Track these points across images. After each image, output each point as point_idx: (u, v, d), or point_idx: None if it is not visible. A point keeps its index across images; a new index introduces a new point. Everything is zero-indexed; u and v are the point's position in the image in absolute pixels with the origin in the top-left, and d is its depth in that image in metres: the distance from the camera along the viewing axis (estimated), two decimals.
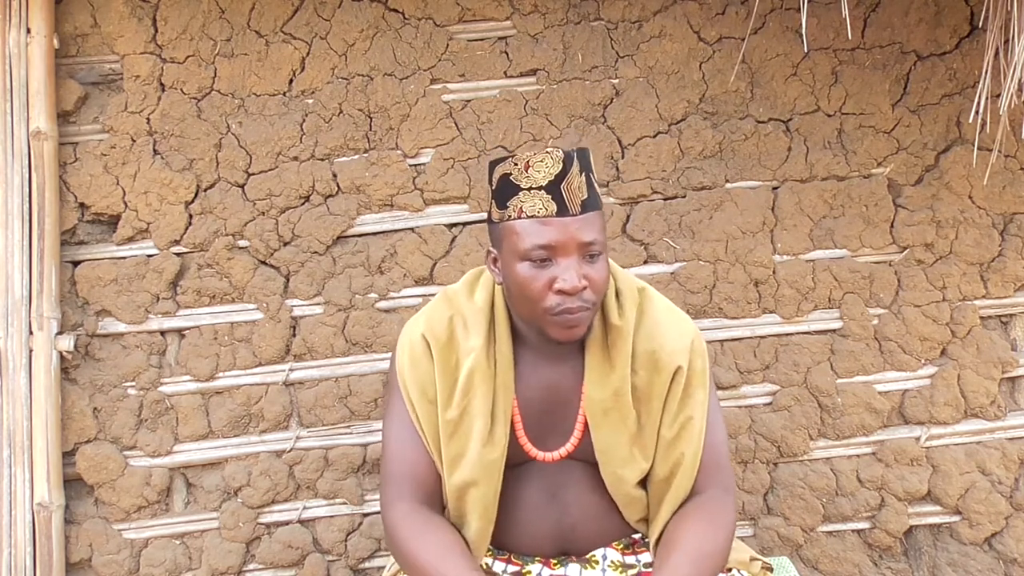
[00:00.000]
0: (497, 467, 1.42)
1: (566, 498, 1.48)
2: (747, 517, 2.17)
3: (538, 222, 1.33)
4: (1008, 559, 2.16)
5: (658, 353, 1.44)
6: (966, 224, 2.18)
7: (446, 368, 1.44)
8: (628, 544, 1.52)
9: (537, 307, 1.34)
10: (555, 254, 1.33)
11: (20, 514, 2.01)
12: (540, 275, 1.33)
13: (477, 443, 1.40)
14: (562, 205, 1.33)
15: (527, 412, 1.46)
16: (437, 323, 1.48)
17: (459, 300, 1.50)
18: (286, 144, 2.12)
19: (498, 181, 1.39)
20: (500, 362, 1.43)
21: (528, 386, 1.46)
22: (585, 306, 1.34)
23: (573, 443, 1.45)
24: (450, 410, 1.43)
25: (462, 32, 2.17)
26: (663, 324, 1.48)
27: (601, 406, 1.43)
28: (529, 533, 1.49)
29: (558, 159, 1.34)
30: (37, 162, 2.04)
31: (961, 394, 2.17)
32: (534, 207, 1.33)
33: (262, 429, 2.13)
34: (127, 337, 2.12)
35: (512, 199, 1.36)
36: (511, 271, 1.36)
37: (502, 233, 1.38)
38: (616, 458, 1.44)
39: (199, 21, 2.11)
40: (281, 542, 2.11)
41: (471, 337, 1.44)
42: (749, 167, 2.18)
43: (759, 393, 2.17)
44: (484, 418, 1.40)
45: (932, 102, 2.19)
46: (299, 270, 2.13)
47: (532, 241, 1.32)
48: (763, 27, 2.17)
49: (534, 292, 1.33)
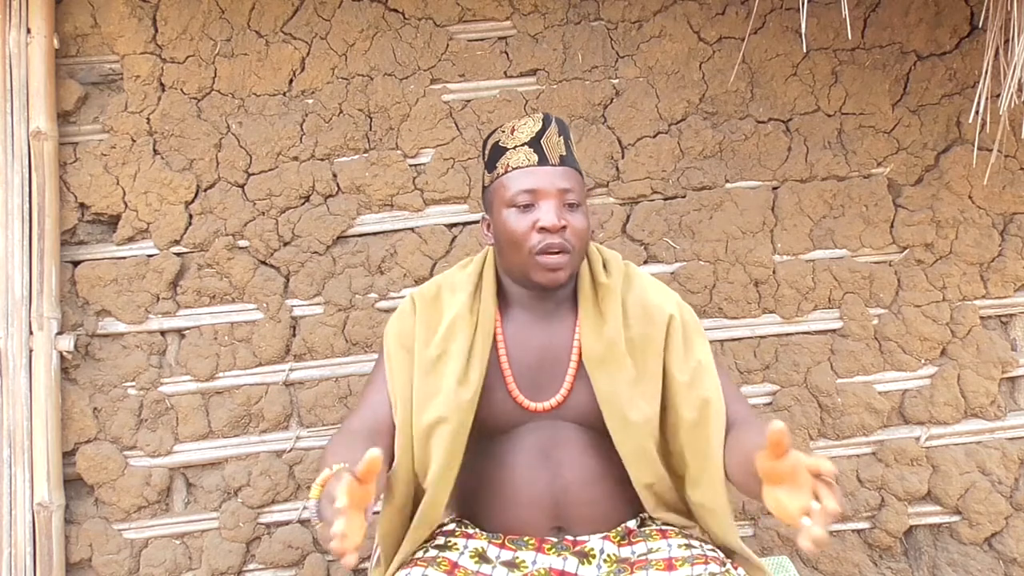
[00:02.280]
0: (468, 408, 1.48)
1: (559, 458, 1.51)
2: (747, 517, 2.17)
3: (522, 172, 1.48)
4: (1008, 559, 2.16)
5: (648, 307, 1.55)
6: (966, 224, 2.18)
7: (429, 318, 1.56)
8: (623, 535, 1.52)
9: (523, 249, 1.46)
10: (537, 198, 1.46)
11: (20, 514, 2.01)
12: (524, 218, 1.46)
13: (451, 381, 1.48)
14: (542, 156, 1.49)
15: (518, 368, 1.52)
16: (426, 288, 1.62)
17: (449, 274, 1.64)
18: (286, 144, 2.12)
19: (490, 149, 1.55)
20: (483, 314, 1.53)
21: (519, 345, 1.54)
22: (566, 246, 1.45)
23: (563, 394, 1.51)
24: (428, 349, 1.52)
25: (462, 32, 2.17)
26: (649, 285, 1.61)
27: (598, 356, 1.50)
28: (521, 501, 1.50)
29: (538, 119, 1.52)
30: (37, 162, 2.04)
31: (961, 394, 2.17)
32: (518, 160, 1.49)
33: (262, 429, 2.13)
34: (127, 337, 2.12)
35: (500, 159, 1.52)
36: (500, 222, 1.49)
37: (493, 194, 1.53)
38: (620, 402, 1.48)
39: (199, 21, 2.11)
40: (281, 542, 2.11)
41: (456, 294, 1.56)
42: (749, 167, 2.18)
43: (759, 393, 2.17)
44: (460, 359, 1.49)
45: (932, 102, 2.19)
46: (299, 270, 2.13)
47: (517, 187, 1.47)
48: (763, 27, 2.17)
49: (519, 234, 1.46)
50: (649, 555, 1.44)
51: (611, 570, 1.44)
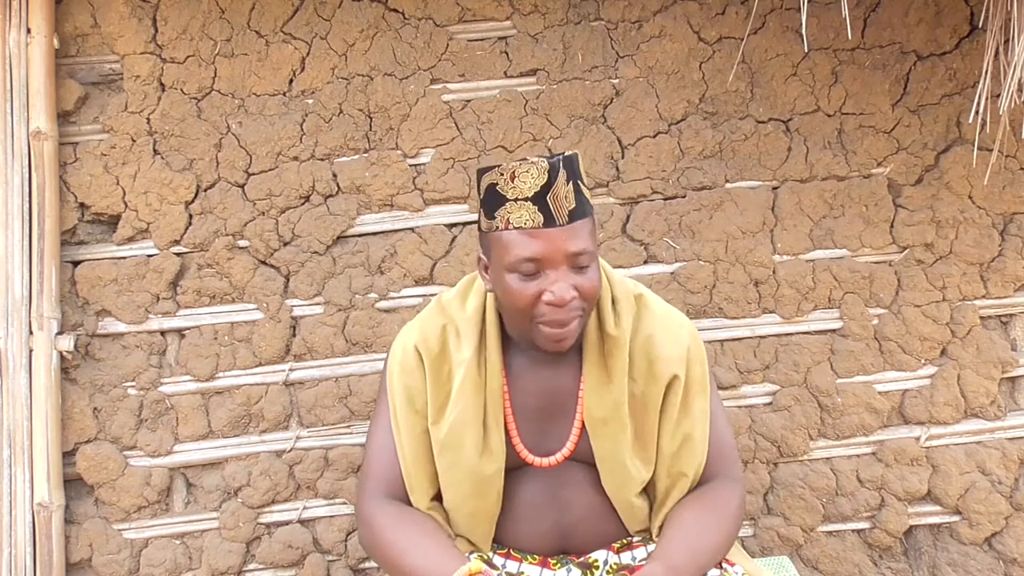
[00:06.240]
0: (496, 480, 1.42)
1: (566, 498, 1.48)
2: (747, 517, 2.17)
3: (525, 234, 1.31)
4: (1008, 559, 2.16)
5: (654, 362, 1.44)
6: (966, 224, 2.18)
7: (438, 379, 1.45)
8: (624, 544, 1.53)
9: (525, 316, 1.34)
10: (543, 266, 1.31)
11: (20, 514, 2.01)
12: (528, 287, 1.32)
13: (473, 454, 1.41)
14: (548, 216, 1.30)
15: (522, 417, 1.45)
16: (430, 333, 1.48)
17: (452, 309, 1.50)
18: (286, 144, 2.12)
19: (485, 191, 1.37)
20: (489, 370, 1.43)
21: (523, 391, 1.45)
22: (575, 315, 1.33)
23: (570, 448, 1.45)
24: (442, 423, 1.43)
25: (462, 32, 2.17)
26: (659, 332, 1.47)
27: (600, 417, 1.43)
28: (528, 532, 1.49)
29: (543, 170, 1.31)
30: (37, 162, 2.04)
31: (961, 394, 2.17)
32: (520, 219, 1.31)
33: (262, 429, 2.13)
34: (127, 337, 2.12)
35: (499, 210, 1.34)
36: (500, 281, 1.36)
37: (491, 243, 1.38)
38: (616, 467, 1.44)
39: (199, 21, 2.11)
40: (281, 542, 2.11)
41: (462, 348, 1.44)
42: (749, 167, 2.18)
43: (759, 393, 2.17)
44: (475, 427, 1.41)
45: (932, 102, 2.19)
46: (299, 270, 2.13)
47: (519, 254, 1.31)
48: (763, 27, 2.17)
49: (522, 304, 1.32)
50: None
51: None
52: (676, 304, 2.08)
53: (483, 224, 1.40)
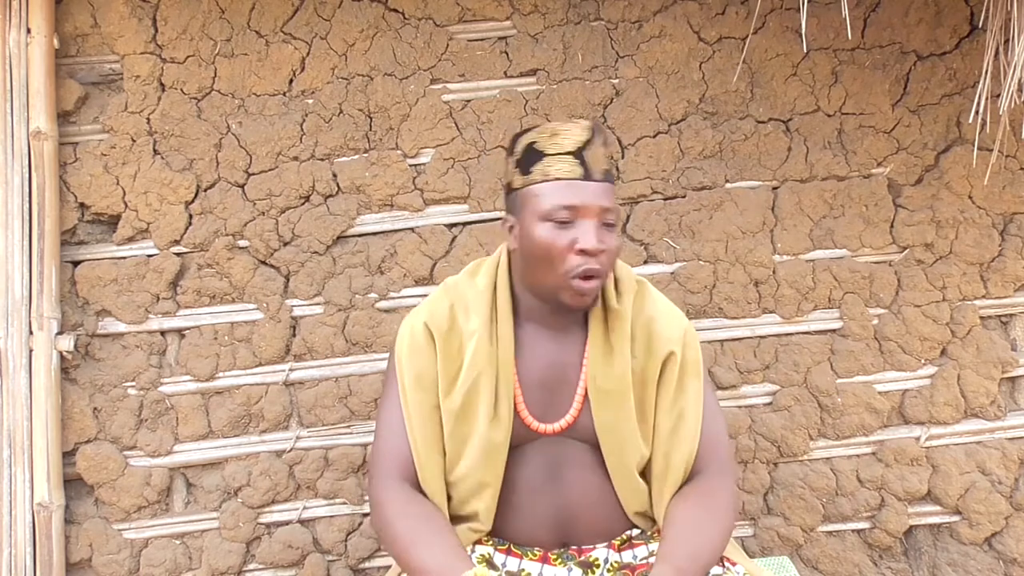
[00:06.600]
0: (502, 449, 1.46)
1: (565, 478, 1.50)
2: (747, 517, 2.17)
3: (564, 184, 1.39)
4: (1008, 559, 2.16)
5: (653, 339, 1.49)
6: (966, 224, 2.18)
7: (449, 354, 1.48)
8: (624, 541, 1.54)
9: (557, 268, 1.38)
10: (577, 215, 1.38)
11: (20, 514, 2.01)
12: (561, 236, 1.38)
13: (483, 421, 1.44)
14: (587, 170, 1.40)
15: (528, 387, 1.49)
16: (439, 313, 1.52)
17: (460, 287, 1.54)
18: (286, 144, 2.12)
19: (523, 149, 1.44)
20: (501, 340, 1.47)
21: (529, 362, 1.49)
22: (601, 271, 1.39)
23: (573, 415, 1.48)
24: (453, 395, 1.46)
25: (462, 32, 2.17)
26: (658, 315, 1.54)
27: (603, 387, 1.47)
28: (528, 517, 1.51)
29: (586, 128, 1.42)
30: (37, 162, 2.04)
31: (961, 394, 2.17)
32: (560, 170, 1.39)
33: (262, 429, 2.13)
34: (127, 337, 2.12)
35: (538, 164, 1.41)
36: (531, 234, 1.40)
37: (523, 199, 1.43)
38: (617, 438, 1.47)
39: (199, 21, 2.11)
40: (281, 542, 2.11)
41: (471, 319, 1.48)
42: (749, 167, 2.18)
43: (759, 393, 2.17)
44: (488, 395, 1.44)
45: (932, 102, 2.19)
46: (299, 270, 2.13)
47: (557, 201, 1.38)
48: (763, 27, 2.17)
49: (555, 252, 1.38)
50: (651, 558, 1.46)
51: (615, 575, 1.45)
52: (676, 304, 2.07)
53: (517, 182, 1.45)
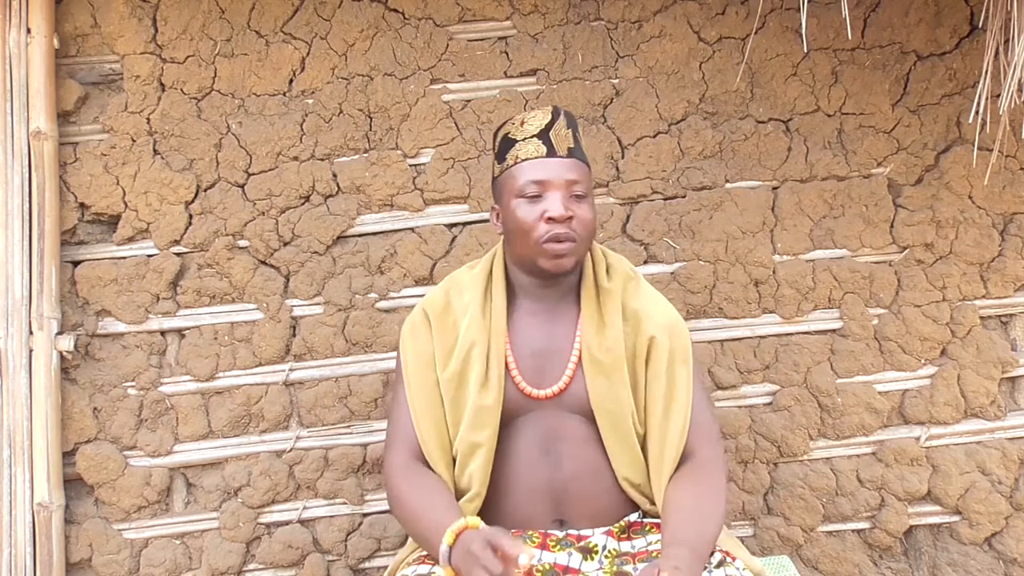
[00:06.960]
0: (494, 411, 1.53)
1: (560, 451, 1.55)
2: (747, 517, 2.17)
3: (531, 163, 1.54)
4: (1008, 559, 2.16)
5: (641, 320, 1.59)
6: (966, 224, 2.18)
7: (444, 329, 1.60)
8: (624, 528, 1.57)
9: (530, 238, 1.51)
10: (545, 188, 1.52)
11: (20, 514, 2.01)
12: (533, 209, 1.52)
13: (475, 386, 1.54)
14: (551, 148, 1.54)
15: (521, 355, 1.58)
16: (436, 297, 1.66)
17: (457, 276, 1.69)
18: (286, 144, 2.12)
19: (500, 140, 1.61)
20: (495, 312, 1.58)
21: (523, 332, 1.60)
22: (572, 236, 1.50)
23: (566, 381, 1.55)
24: (450, 365, 1.57)
25: (462, 32, 2.17)
26: (648, 302, 1.64)
27: (596, 355, 1.55)
28: (523, 490, 1.55)
29: (547, 112, 1.58)
30: (37, 162, 2.04)
31: (961, 394, 2.17)
32: (527, 151, 1.55)
33: (262, 429, 2.13)
34: (127, 337, 2.12)
35: (510, 150, 1.57)
36: (509, 212, 1.55)
37: (502, 184, 1.58)
38: (612, 407, 1.54)
39: (199, 21, 2.11)
40: (281, 542, 2.11)
41: (465, 295, 1.61)
42: (749, 167, 2.18)
43: (759, 393, 2.17)
44: (480, 361, 1.55)
45: (932, 102, 2.19)
46: (299, 270, 2.13)
47: (526, 177, 1.53)
48: (763, 27, 2.17)
49: (527, 223, 1.52)
50: (649, 547, 1.50)
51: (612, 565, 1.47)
52: (676, 304, 2.07)
53: (496, 171, 1.62)
